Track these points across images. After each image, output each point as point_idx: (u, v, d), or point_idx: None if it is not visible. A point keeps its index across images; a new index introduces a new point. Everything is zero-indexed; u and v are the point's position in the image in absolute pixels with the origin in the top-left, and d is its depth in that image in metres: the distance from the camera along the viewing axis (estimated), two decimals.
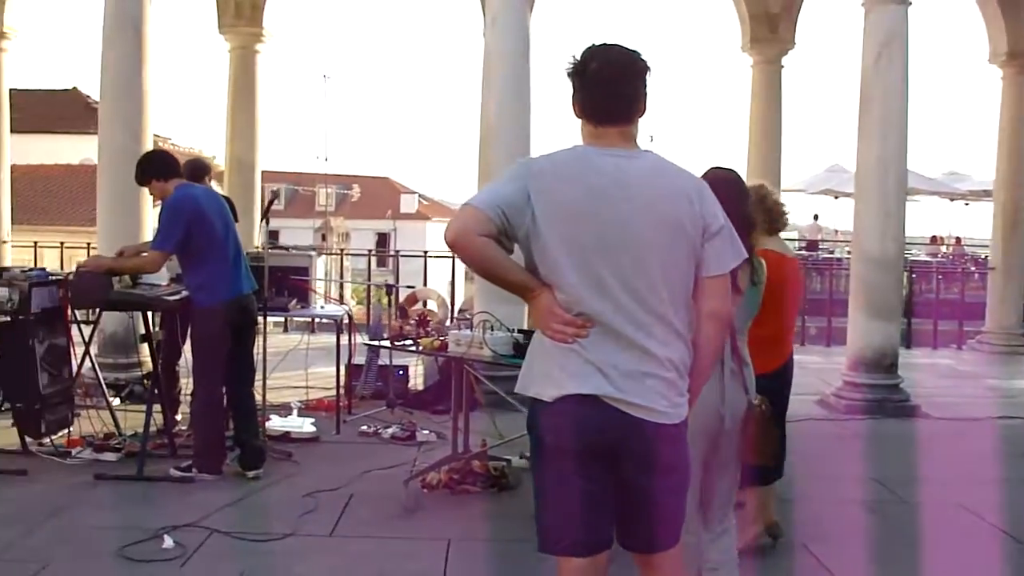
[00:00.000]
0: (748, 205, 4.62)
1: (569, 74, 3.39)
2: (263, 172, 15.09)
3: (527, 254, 3.31)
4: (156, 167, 7.20)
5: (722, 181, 4.21)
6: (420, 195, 68.87)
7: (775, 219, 5.70)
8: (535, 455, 3.50)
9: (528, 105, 10.06)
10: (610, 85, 3.36)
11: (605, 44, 3.40)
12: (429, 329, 6.86)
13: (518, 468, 7.16)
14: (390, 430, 8.51)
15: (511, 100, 10.00)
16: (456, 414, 7.08)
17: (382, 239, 58.22)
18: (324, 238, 43.30)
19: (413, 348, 6.89)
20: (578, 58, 3.38)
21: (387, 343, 7.20)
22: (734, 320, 3.97)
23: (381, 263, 23.15)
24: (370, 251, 20.04)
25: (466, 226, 3.21)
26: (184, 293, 7.18)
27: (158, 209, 7.03)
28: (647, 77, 3.41)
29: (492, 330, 6.16)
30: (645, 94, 3.41)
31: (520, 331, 6.25)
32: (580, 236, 3.24)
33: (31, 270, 7.56)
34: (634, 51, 3.41)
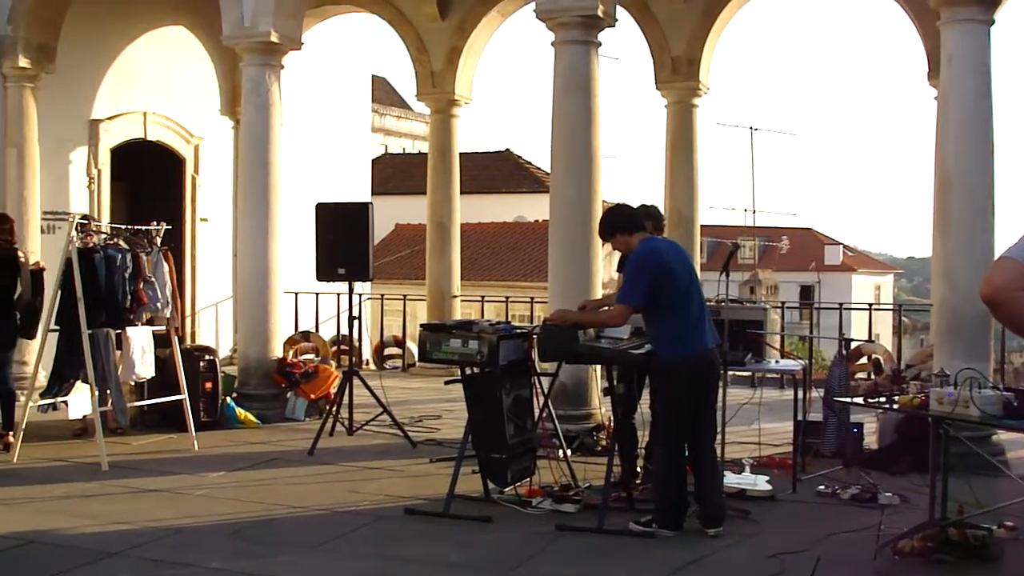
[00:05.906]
0: None
1: None
2: None
3: None
4: (622, 221, 7.27)
5: None
6: (844, 246, 67.23)
7: None
8: None
9: (991, 148, 9.39)
10: None
11: None
12: (904, 386, 6.49)
13: (1000, 538, 6.62)
14: (850, 491, 8.12)
15: (972, 144, 9.35)
16: (933, 477, 6.63)
17: (805, 291, 57.11)
18: (752, 291, 43.02)
19: (887, 406, 6.53)
20: None
21: (859, 400, 6.86)
22: None
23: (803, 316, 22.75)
24: (806, 304, 19.68)
25: (1004, 281, 2.95)
26: (647, 347, 7.18)
27: (607, 261, 7.08)
28: None
29: (979, 388, 5.72)
30: None
31: (1009, 390, 5.77)
32: None
33: (498, 323, 7.80)
34: None
